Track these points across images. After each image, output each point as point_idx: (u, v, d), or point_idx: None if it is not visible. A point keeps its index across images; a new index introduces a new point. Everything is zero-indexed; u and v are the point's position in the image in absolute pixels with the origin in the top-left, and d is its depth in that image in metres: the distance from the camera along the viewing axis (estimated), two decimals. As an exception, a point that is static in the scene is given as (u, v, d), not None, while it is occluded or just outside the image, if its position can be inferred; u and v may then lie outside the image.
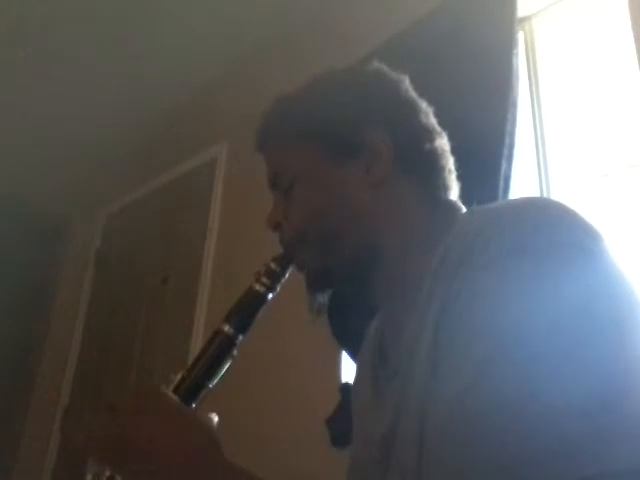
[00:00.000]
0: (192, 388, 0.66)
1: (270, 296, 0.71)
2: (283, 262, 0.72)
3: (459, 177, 0.74)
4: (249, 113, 0.96)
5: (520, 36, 1.62)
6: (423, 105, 0.75)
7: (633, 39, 1.36)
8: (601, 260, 0.50)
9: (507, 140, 1.36)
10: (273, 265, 0.71)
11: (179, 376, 0.67)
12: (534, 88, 1.61)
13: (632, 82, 1.39)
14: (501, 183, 1.34)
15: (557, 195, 1.47)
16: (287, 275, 0.73)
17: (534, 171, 1.53)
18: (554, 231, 0.51)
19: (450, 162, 0.74)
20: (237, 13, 2.32)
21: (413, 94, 0.75)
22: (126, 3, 2.30)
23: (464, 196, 0.74)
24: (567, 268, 0.48)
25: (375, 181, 0.69)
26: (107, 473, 0.62)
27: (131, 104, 2.83)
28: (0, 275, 2.99)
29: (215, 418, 0.65)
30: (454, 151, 0.75)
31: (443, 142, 0.74)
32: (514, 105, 1.40)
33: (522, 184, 1.47)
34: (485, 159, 1.34)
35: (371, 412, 0.69)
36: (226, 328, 0.68)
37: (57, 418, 2.81)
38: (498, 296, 0.49)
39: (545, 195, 1.48)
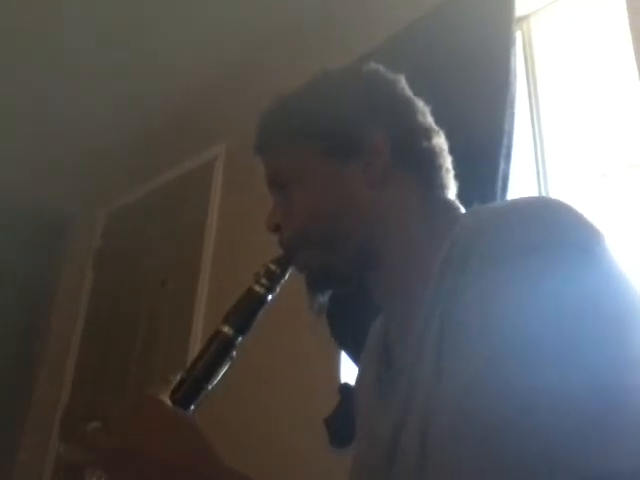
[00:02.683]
0: (191, 390, 0.66)
1: (270, 297, 0.71)
2: (283, 263, 0.72)
3: (457, 176, 0.74)
4: (248, 114, 0.96)
5: (518, 35, 1.62)
6: (420, 104, 0.75)
7: (631, 38, 1.35)
8: (604, 260, 0.51)
9: (505, 139, 1.36)
10: (272, 266, 0.71)
11: (178, 377, 0.67)
12: (532, 87, 1.61)
13: (630, 82, 1.39)
14: (499, 182, 1.34)
15: (555, 195, 1.47)
16: (287, 276, 0.73)
17: (532, 170, 1.53)
18: (562, 232, 0.51)
19: (448, 161, 0.74)
20: (236, 14, 2.31)
21: (409, 93, 0.75)
22: (127, 3, 2.30)
23: (462, 195, 0.74)
24: (574, 269, 0.49)
25: (373, 180, 0.70)
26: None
27: (131, 104, 2.83)
28: (0, 274, 2.99)
29: None
30: (452, 150, 0.75)
31: (440, 141, 0.74)
32: (512, 104, 1.40)
33: (520, 183, 1.47)
34: (483, 158, 1.34)
35: (376, 412, 0.68)
36: (225, 329, 0.68)
37: (57, 418, 2.81)
38: (506, 293, 0.49)
39: (543, 195, 1.48)
